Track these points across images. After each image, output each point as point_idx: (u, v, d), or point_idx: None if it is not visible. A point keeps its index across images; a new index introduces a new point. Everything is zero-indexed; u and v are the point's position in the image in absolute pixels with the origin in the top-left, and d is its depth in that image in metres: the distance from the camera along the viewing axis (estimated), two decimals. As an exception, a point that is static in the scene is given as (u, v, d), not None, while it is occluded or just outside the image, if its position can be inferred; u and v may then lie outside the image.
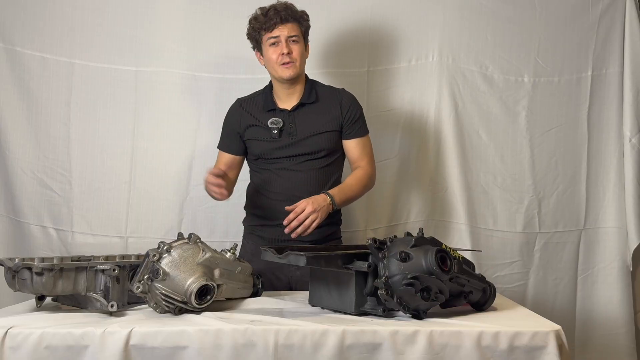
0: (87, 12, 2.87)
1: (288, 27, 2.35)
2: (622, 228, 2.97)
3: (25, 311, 1.83)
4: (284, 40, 2.34)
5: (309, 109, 2.41)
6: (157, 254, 1.76)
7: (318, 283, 1.88)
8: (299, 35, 2.37)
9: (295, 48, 2.35)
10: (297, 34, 2.37)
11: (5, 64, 2.84)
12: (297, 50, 2.36)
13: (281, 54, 2.34)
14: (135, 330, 1.58)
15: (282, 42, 2.34)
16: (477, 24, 2.95)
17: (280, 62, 2.35)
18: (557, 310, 2.97)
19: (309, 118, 2.40)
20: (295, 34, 2.36)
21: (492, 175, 2.97)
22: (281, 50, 2.34)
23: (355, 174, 2.41)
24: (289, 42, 2.35)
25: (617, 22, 2.97)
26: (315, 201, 2.19)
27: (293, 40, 2.35)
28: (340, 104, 2.42)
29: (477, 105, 2.96)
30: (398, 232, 2.75)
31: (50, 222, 2.86)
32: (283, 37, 2.34)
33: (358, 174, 2.40)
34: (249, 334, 1.59)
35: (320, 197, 2.22)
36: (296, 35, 2.36)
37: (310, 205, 2.17)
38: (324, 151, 2.39)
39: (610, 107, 3.00)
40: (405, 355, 1.58)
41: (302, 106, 2.41)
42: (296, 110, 2.40)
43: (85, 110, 2.87)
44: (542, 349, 1.59)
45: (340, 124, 2.41)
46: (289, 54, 2.34)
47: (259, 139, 2.40)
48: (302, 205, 2.17)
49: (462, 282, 1.78)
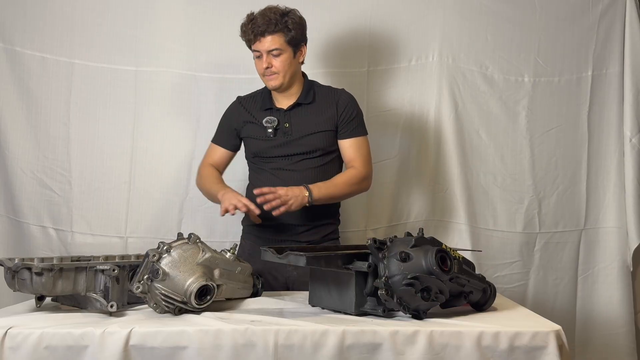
0: (87, 12, 2.87)
1: (268, 41, 2.30)
2: (622, 228, 2.98)
3: (25, 311, 1.82)
4: (264, 54, 2.32)
5: (305, 109, 2.40)
6: (157, 254, 1.76)
7: (318, 283, 1.88)
8: (281, 47, 2.31)
9: (276, 61, 2.32)
10: (279, 46, 2.31)
11: (5, 64, 2.85)
12: (279, 63, 2.32)
13: (263, 68, 2.34)
14: (135, 331, 1.58)
15: (263, 56, 2.33)
16: (477, 24, 2.95)
17: (264, 75, 2.36)
18: (557, 310, 2.98)
19: (304, 118, 2.39)
20: (275, 47, 2.31)
21: (492, 175, 2.98)
22: (262, 64, 2.34)
23: (346, 173, 2.40)
24: (270, 56, 2.32)
25: (617, 22, 2.97)
26: (290, 190, 2.20)
27: (274, 55, 2.32)
28: (336, 103, 2.41)
29: (477, 105, 2.96)
30: (398, 232, 2.74)
31: (50, 222, 2.86)
32: (263, 51, 2.32)
33: (349, 173, 2.39)
34: (249, 334, 1.59)
35: (297, 188, 2.23)
36: (277, 49, 2.31)
37: (283, 190, 2.18)
38: (319, 151, 2.38)
39: (610, 107, 3.00)
40: (405, 355, 1.58)
41: (299, 106, 2.40)
42: (292, 109, 2.40)
43: (85, 110, 2.88)
44: (542, 349, 1.59)
45: (335, 124, 2.40)
46: (268, 68, 2.33)
47: (255, 137, 2.41)
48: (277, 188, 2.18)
49: (462, 282, 1.78)
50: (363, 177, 2.40)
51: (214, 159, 2.51)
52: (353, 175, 2.38)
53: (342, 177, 2.38)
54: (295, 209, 2.21)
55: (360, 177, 2.39)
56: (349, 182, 2.37)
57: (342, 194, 2.39)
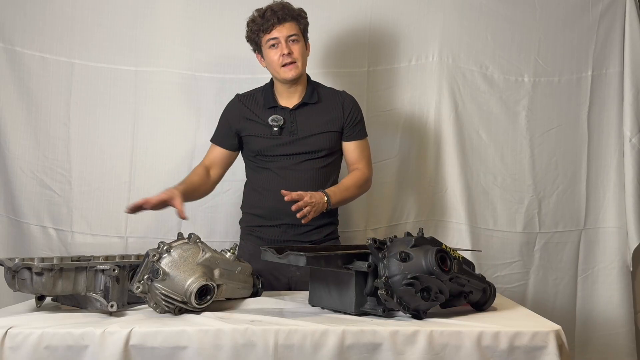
0: (87, 12, 2.87)
1: (287, 27, 2.33)
2: (622, 228, 2.98)
3: (25, 311, 1.83)
4: (283, 40, 2.32)
5: (310, 109, 2.41)
6: (157, 254, 1.76)
7: (318, 283, 1.88)
8: (298, 34, 2.35)
9: (295, 48, 2.34)
10: (296, 32, 2.35)
11: (5, 64, 2.84)
12: (298, 50, 2.34)
13: (282, 55, 2.32)
14: (135, 330, 1.58)
15: (282, 43, 2.32)
16: (477, 24, 2.95)
17: (282, 64, 2.33)
18: (557, 310, 2.98)
19: (310, 117, 2.39)
20: (294, 33, 2.34)
21: (492, 175, 2.97)
22: (281, 51, 2.32)
23: (353, 176, 2.40)
24: (289, 42, 2.33)
25: (617, 22, 2.97)
26: (314, 196, 2.18)
27: (293, 40, 2.34)
28: (342, 105, 2.42)
29: (477, 105, 2.96)
30: (398, 232, 2.75)
31: (50, 222, 2.86)
32: (282, 38, 2.32)
33: (356, 176, 2.40)
34: (249, 334, 1.59)
35: (318, 194, 2.22)
36: (295, 34, 2.34)
37: (308, 197, 2.15)
38: (324, 151, 2.39)
39: (610, 107, 3.00)
40: (405, 355, 1.58)
41: (304, 105, 2.40)
42: (298, 109, 2.40)
43: (85, 110, 2.87)
44: (542, 349, 1.59)
45: (341, 126, 2.41)
46: (290, 54, 2.33)
47: (259, 136, 2.40)
48: (301, 193, 2.15)
49: (462, 282, 1.78)
50: (367, 179, 2.43)
51: (209, 158, 2.49)
52: (359, 177, 2.40)
53: (351, 180, 2.38)
54: (317, 214, 2.21)
55: (365, 179, 2.42)
56: (357, 185, 2.39)
57: (353, 197, 2.41)
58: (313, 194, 2.19)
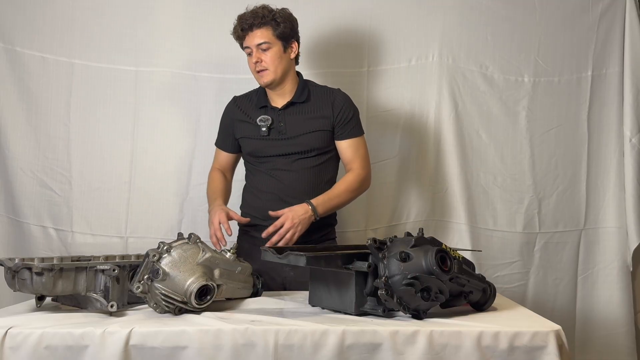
0: (87, 12, 2.87)
1: (257, 35, 2.32)
2: (622, 228, 2.98)
3: (25, 311, 1.82)
4: (253, 49, 2.33)
5: (299, 108, 2.40)
6: (157, 254, 1.76)
7: (318, 283, 1.88)
8: (270, 41, 2.32)
9: (265, 55, 2.33)
10: (267, 39, 2.32)
11: (5, 64, 2.84)
12: (269, 57, 2.33)
13: (254, 63, 2.35)
14: (135, 330, 1.58)
15: (253, 51, 2.34)
16: (477, 24, 2.95)
17: (256, 70, 2.36)
18: (557, 310, 2.98)
19: (299, 117, 2.38)
20: (264, 41, 2.32)
21: (492, 175, 2.98)
22: (252, 60, 2.34)
23: (345, 180, 2.38)
24: (259, 50, 2.33)
25: (617, 22, 2.97)
26: (296, 214, 2.20)
27: (263, 49, 2.33)
28: (332, 104, 2.39)
29: (477, 105, 2.96)
30: (398, 232, 2.75)
31: (50, 222, 2.86)
32: (253, 46, 2.33)
33: (348, 179, 2.38)
34: (249, 334, 1.59)
35: (301, 209, 2.22)
36: (266, 42, 2.32)
37: (289, 221, 2.18)
38: (315, 150, 2.38)
39: (610, 107, 3.00)
40: (405, 355, 1.58)
41: (293, 105, 2.40)
42: (287, 108, 2.39)
43: (85, 110, 2.87)
44: (542, 349, 1.59)
45: (331, 124, 2.38)
46: (258, 63, 2.33)
47: (250, 137, 2.40)
48: (281, 220, 2.19)
49: (462, 282, 1.78)
50: (363, 179, 2.40)
51: (220, 162, 2.53)
52: (352, 180, 2.37)
53: (343, 185, 2.37)
54: (304, 229, 2.22)
55: (360, 180, 2.39)
56: (350, 189, 2.37)
57: (345, 202, 2.39)
58: (295, 211, 2.21)
